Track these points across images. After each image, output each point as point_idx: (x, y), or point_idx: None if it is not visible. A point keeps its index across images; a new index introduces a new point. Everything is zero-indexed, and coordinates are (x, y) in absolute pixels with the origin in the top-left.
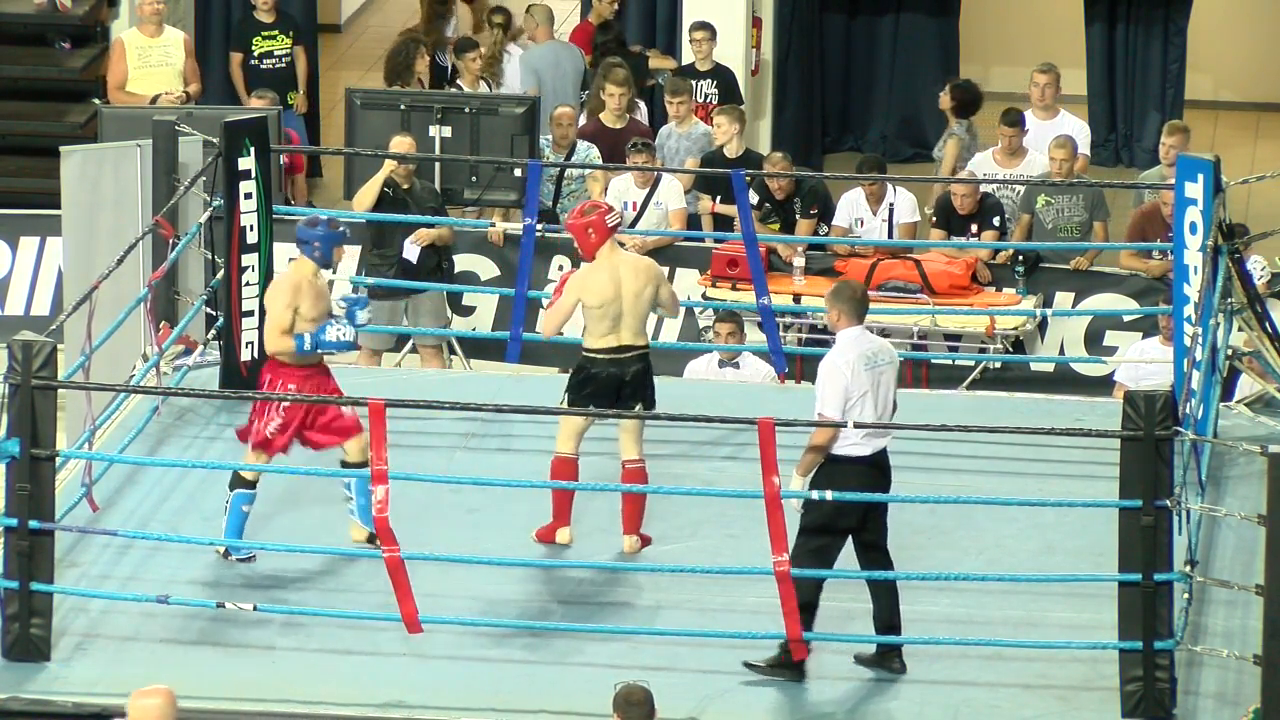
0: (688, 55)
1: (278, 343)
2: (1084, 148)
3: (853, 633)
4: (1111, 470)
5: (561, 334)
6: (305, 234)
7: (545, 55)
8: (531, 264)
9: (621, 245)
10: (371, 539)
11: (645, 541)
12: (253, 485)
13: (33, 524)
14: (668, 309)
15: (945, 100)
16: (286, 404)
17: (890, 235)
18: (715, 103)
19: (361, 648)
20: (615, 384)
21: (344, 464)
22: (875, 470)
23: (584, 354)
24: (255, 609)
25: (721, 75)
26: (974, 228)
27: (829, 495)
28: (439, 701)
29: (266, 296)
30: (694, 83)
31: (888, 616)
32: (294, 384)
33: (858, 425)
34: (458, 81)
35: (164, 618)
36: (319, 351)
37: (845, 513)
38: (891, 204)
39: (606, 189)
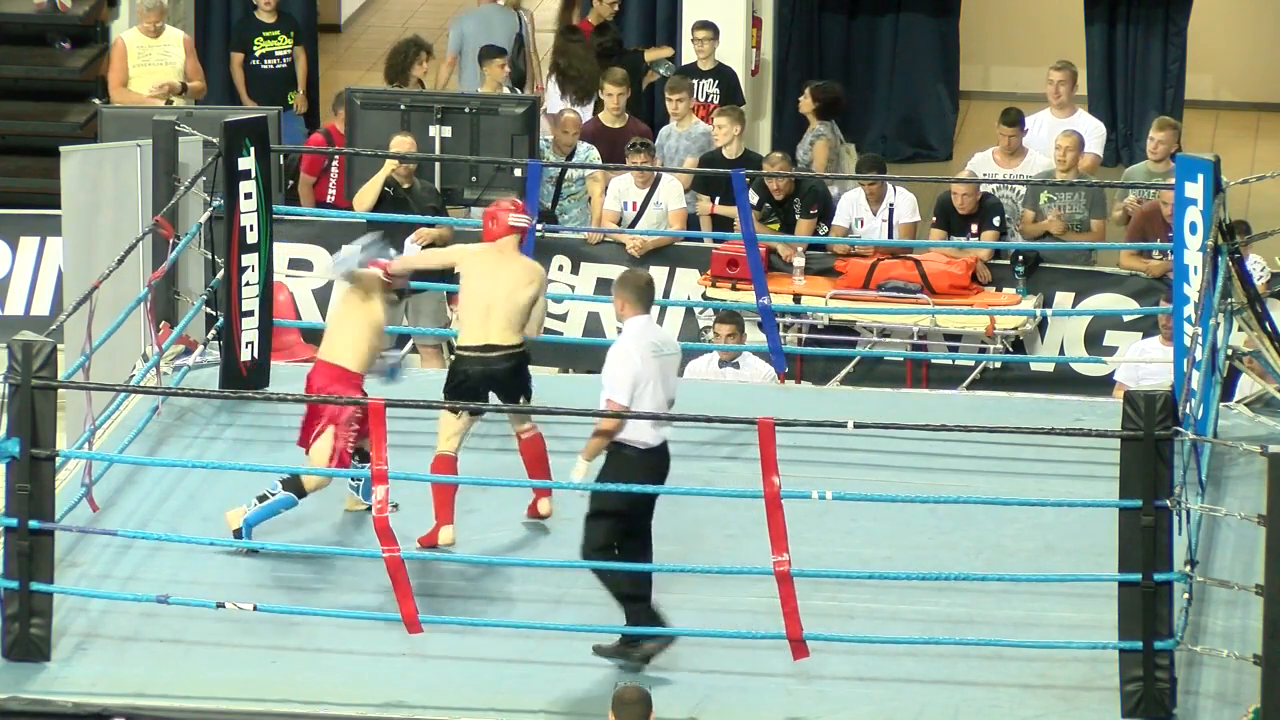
0: (689, 54)
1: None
2: (1097, 148)
3: (853, 633)
4: (1111, 470)
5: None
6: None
7: (475, 19)
8: None
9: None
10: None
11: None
12: (304, 495)
13: (33, 524)
14: (531, 326)
15: (806, 103)
16: (357, 418)
17: (890, 235)
18: (716, 102)
19: (361, 648)
20: (486, 383)
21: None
22: (660, 459)
23: (456, 352)
24: (255, 609)
25: (723, 75)
26: (974, 228)
27: (829, 495)
28: (439, 701)
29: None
30: (695, 82)
31: (627, 590)
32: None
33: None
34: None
35: (164, 618)
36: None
37: (637, 502)
38: (891, 204)
39: (606, 189)
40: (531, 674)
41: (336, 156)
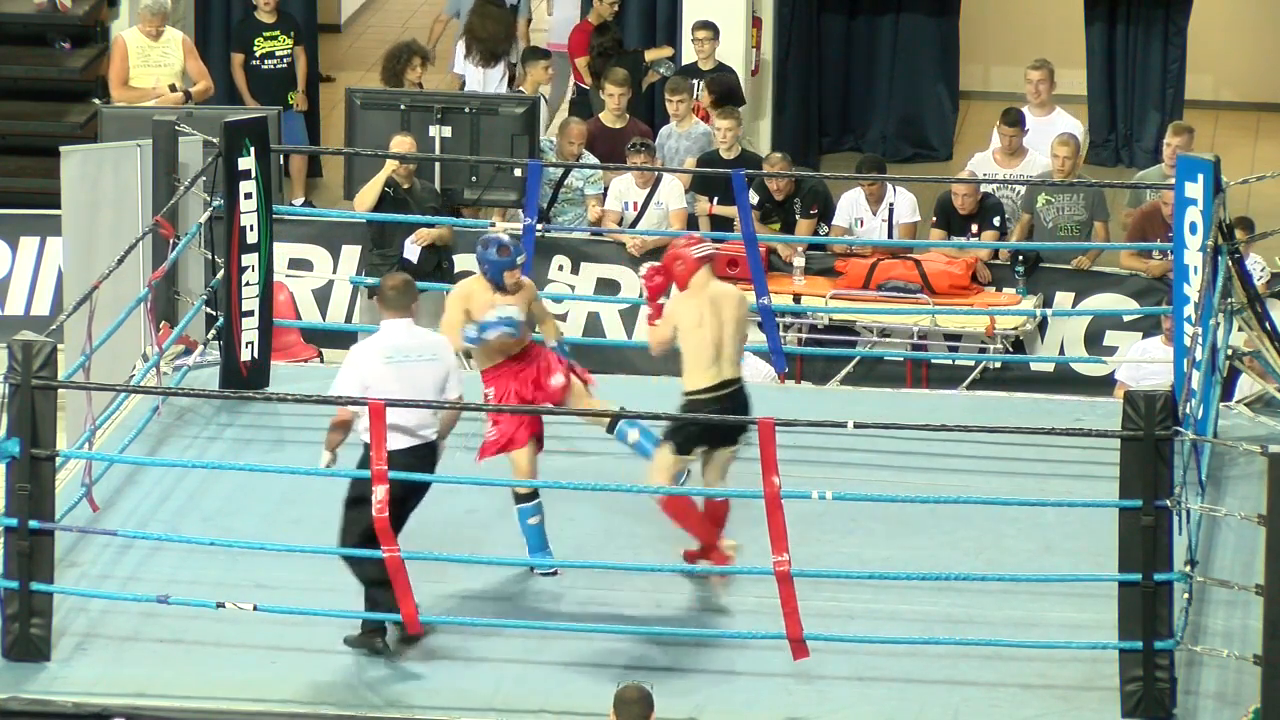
0: (690, 54)
1: (453, 342)
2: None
3: (853, 633)
4: (1111, 470)
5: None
6: (478, 254)
7: None
8: (531, 264)
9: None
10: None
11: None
12: (533, 496)
13: (33, 524)
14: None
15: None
16: (504, 398)
17: (890, 235)
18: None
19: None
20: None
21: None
22: (411, 460)
23: (687, 397)
24: (255, 609)
25: (722, 74)
26: (974, 227)
27: (829, 495)
28: (439, 701)
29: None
30: (695, 82)
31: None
32: (512, 383)
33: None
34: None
35: (164, 618)
36: (488, 336)
37: (395, 496)
38: (891, 204)
39: (604, 198)
40: (531, 674)
41: None
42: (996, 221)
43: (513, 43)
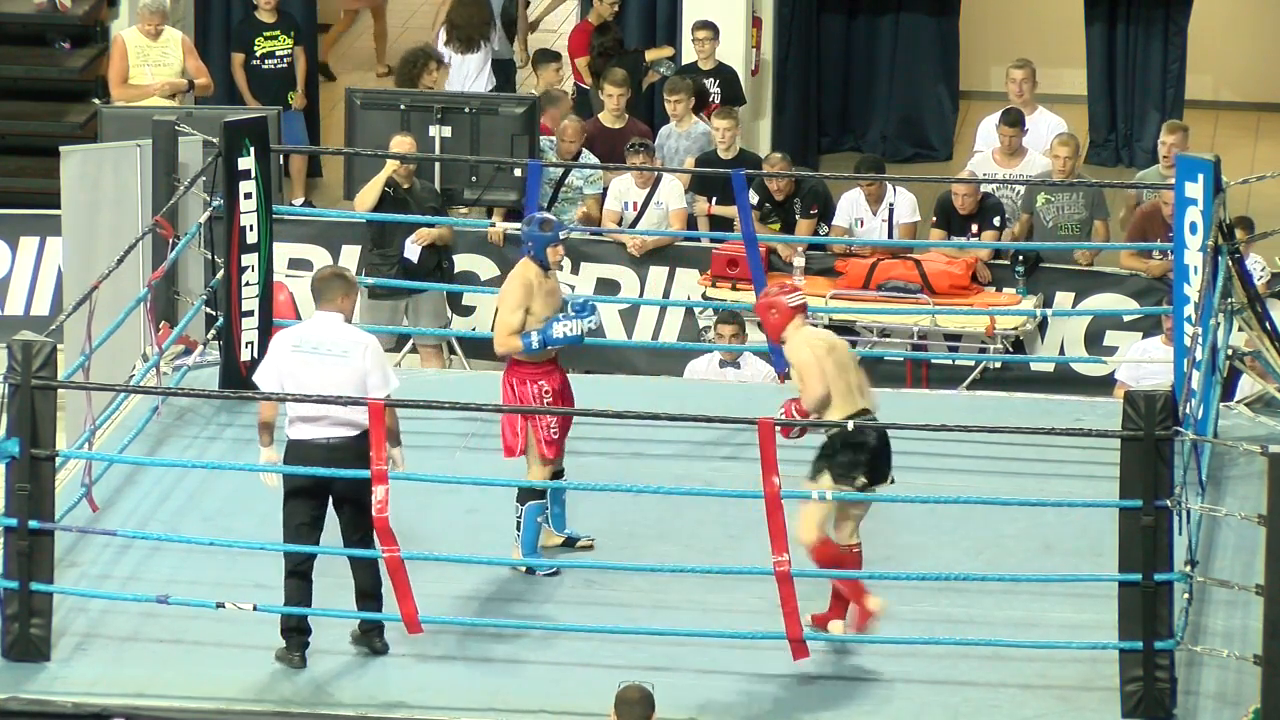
0: (690, 54)
1: (506, 344)
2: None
3: (853, 633)
4: (1111, 470)
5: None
6: (523, 234)
7: None
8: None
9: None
10: (570, 542)
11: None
12: (544, 495)
13: (33, 524)
14: None
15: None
16: (549, 402)
17: (890, 235)
18: (717, 102)
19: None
20: (884, 448)
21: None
22: (314, 454)
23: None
24: (255, 609)
25: (724, 74)
26: (974, 227)
27: (829, 495)
28: (439, 701)
29: (498, 299)
30: (707, 81)
31: (367, 587)
32: (544, 381)
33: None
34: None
35: (164, 618)
36: (555, 335)
37: (300, 490)
38: (891, 204)
39: (604, 198)
40: (531, 674)
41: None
42: (997, 222)
43: (491, 28)
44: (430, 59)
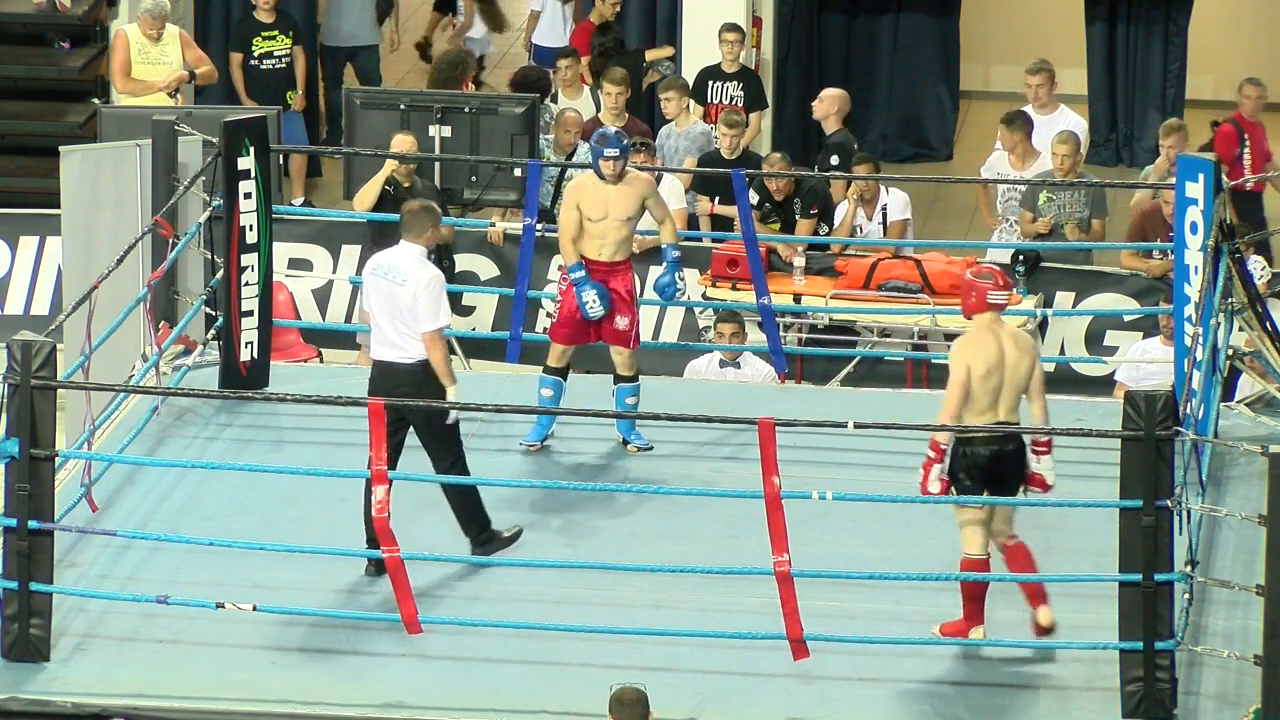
0: (714, 56)
1: (563, 247)
2: (1082, 144)
3: (854, 634)
4: (1111, 470)
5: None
6: (589, 148)
7: None
8: (531, 264)
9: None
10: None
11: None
12: (634, 379)
13: (32, 524)
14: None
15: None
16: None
17: (885, 235)
18: (741, 105)
19: (361, 648)
20: (995, 465)
21: (616, 377)
22: (374, 375)
23: (959, 435)
24: (255, 609)
25: (747, 77)
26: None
27: (829, 495)
28: (439, 701)
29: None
30: (719, 84)
31: (458, 506)
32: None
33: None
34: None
35: (164, 618)
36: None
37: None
38: (884, 205)
39: None
40: (531, 674)
41: None
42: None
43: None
44: (471, 66)
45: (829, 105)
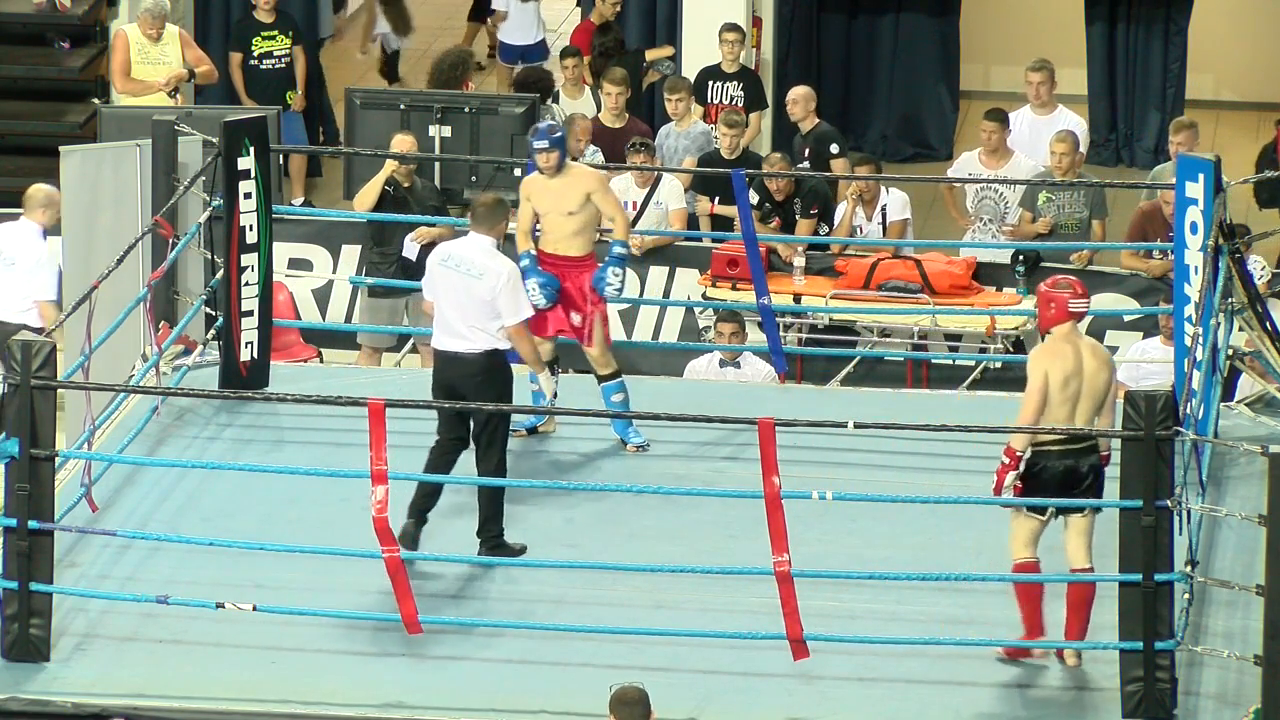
0: (714, 56)
1: (517, 241)
2: (1082, 144)
3: (854, 633)
4: (1112, 470)
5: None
6: None
7: None
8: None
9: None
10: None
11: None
12: (615, 376)
13: (32, 524)
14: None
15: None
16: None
17: (884, 235)
18: (741, 105)
19: (361, 648)
20: (1070, 479)
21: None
22: (439, 365)
23: (1034, 447)
24: (255, 609)
25: (747, 77)
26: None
27: (829, 495)
28: (439, 701)
29: None
30: (719, 84)
31: (481, 503)
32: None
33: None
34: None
35: (164, 618)
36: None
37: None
38: (884, 205)
39: None
40: (531, 674)
41: None
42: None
43: None
44: (472, 63)
45: (805, 104)
